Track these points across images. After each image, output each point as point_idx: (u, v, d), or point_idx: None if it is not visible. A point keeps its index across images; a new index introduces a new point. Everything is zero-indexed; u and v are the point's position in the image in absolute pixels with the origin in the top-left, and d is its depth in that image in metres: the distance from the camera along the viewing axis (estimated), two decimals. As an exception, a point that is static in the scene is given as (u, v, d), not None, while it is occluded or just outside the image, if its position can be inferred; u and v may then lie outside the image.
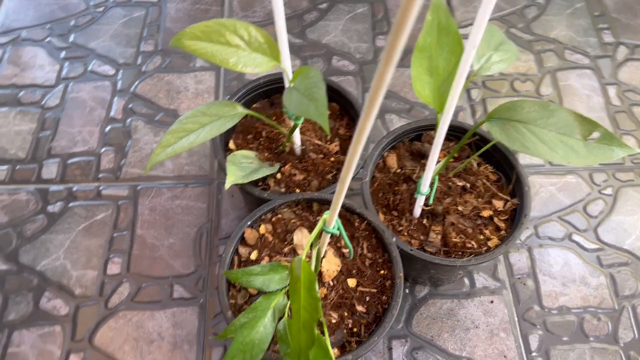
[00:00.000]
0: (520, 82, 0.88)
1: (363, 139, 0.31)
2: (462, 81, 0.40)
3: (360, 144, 0.31)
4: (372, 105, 0.27)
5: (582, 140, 0.46)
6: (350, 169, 0.35)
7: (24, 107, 0.85)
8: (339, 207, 0.44)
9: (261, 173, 0.64)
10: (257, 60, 0.50)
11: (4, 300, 0.69)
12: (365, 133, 0.30)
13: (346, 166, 0.35)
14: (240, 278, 0.53)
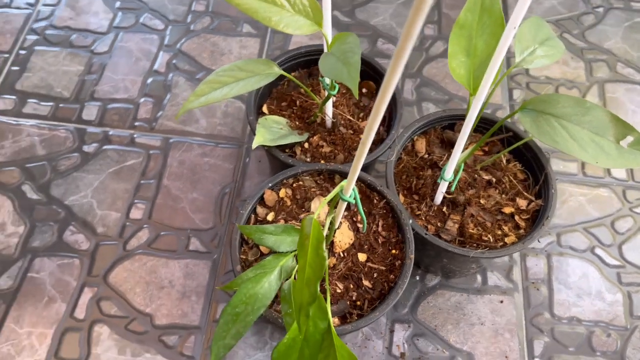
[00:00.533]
0: (565, 89, 0.86)
1: (387, 96, 0.31)
2: (498, 64, 0.40)
3: (384, 102, 0.32)
4: (399, 59, 0.27)
5: (615, 143, 0.45)
6: (372, 129, 0.35)
7: (75, 50, 0.88)
8: (357, 172, 0.44)
9: (289, 139, 0.65)
10: (299, 22, 0.51)
11: (31, 227, 0.72)
12: (390, 89, 0.30)
13: (368, 127, 0.35)
14: (253, 234, 0.54)
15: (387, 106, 0.70)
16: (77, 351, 0.64)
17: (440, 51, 0.89)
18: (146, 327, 0.66)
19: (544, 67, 0.88)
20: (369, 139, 0.38)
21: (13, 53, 0.87)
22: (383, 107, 0.32)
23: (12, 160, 0.77)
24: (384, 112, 0.34)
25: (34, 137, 0.79)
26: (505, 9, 0.95)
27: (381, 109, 0.33)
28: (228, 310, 0.49)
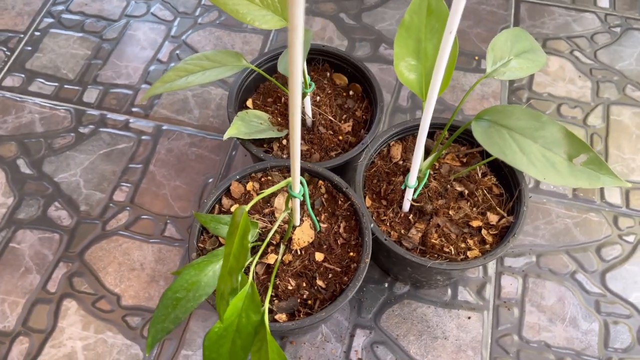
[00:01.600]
0: (568, 107, 0.83)
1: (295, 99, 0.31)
2: (441, 70, 0.39)
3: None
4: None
5: (567, 160, 0.43)
6: (294, 126, 0.35)
7: (85, 34, 0.91)
8: (297, 168, 0.44)
9: (266, 134, 0.66)
10: (266, 17, 0.51)
11: (19, 200, 0.75)
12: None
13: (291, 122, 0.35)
14: (208, 223, 0.55)
15: (367, 109, 0.70)
16: (45, 322, 0.66)
17: (442, 60, 0.88)
18: (112, 306, 0.67)
19: (548, 84, 0.85)
20: (295, 135, 0.38)
21: (28, 34, 0.91)
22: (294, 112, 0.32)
23: (11, 135, 0.80)
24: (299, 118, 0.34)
25: (35, 114, 0.83)
26: (517, 23, 0.93)
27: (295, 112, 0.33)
28: (168, 294, 0.49)
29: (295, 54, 0.30)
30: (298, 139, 0.39)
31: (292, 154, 0.42)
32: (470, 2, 0.95)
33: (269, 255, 0.57)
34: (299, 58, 0.30)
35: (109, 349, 0.65)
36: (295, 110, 0.35)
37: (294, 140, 0.39)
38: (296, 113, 0.35)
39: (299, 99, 0.34)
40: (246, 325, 0.46)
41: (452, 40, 0.36)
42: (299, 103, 0.34)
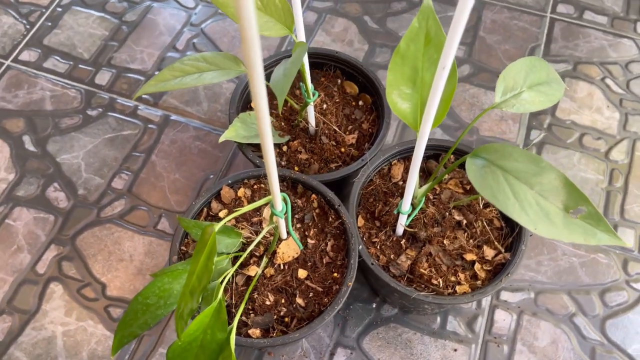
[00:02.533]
0: (591, 138, 0.79)
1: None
2: (434, 106, 0.36)
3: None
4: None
5: (563, 211, 0.40)
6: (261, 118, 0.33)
7: (106, 15, 0.90)
8: (275, 185, 0.42)
9: (266, 139, 0.64)
10: (268, 24, 0.49)
11: (20, 177, 0.75)
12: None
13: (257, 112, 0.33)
14: (191, 228, 0.54)
15: (374, 122, 0.67)
16: (30, 303, 0.67)
17: (464, 75, 0.84)
18: (97, 295, 0.67)
19: (573, 111, 0.81)
20: (270, 161, 0.36)
21: (50, 9, 0.91)
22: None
23: (20, 110, 0.81)
24: (271, 144, 0.32)
25: (46, 91, 0.82)
26: (549, 42, 0.88)
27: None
28: (139, 299, 0.48)
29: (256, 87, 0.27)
30: (273, 163, 0.37)
31: (269, 175, 0.40)
32: (502, 16, 0.90)
33: (251, 267, 0.56)
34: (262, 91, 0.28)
35: (88, 338, 0.64)
36: (267, 143, 0.33)
37: (269, 165, 0.37)
38: (268, 145, 0.33)
39: (269, 135, 0.32)
40: (210, 342, 0.45)
41: (445, 77, 0.34)
42: (269, 137, 0.32)
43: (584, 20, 0.90)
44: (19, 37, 0.88)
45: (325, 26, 0.89)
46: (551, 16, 0.91)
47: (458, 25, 0.30)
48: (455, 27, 0.30)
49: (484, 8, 0.91)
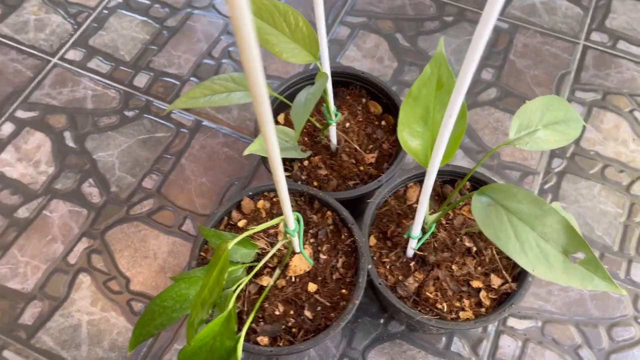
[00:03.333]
0: (614, 170, 0.79)
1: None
2: (443, 146, 0.38)
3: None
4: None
5: (562, 255, 0.42)
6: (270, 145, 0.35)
7: (148, 19, 0.95)
8: (287, 206, 0.45)
9: (289, 154, 0.66)
10: (294, 51, 0.52)
11: (59, 170, 0.80)
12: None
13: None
14: (210, 237, 0.57)
15: (395, 143, 0.69)
16: (59, 291, 0.71)
17: (490, 98, 0.85)
18: (121, 288, 0.71)
19: (597, 142, 0.81)
20: (282, 190, 0.39)
21: (97, 11, 0.96)
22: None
23: (64, 107, 0.86)
24: (282, 173, 0.34)
25: (88, 90, 0.87)
26: (580, 70, 0.88)
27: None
28: (157, 301, 0.52)
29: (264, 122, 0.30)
30: (285, 189, 0.40)
31: (281, 199, 0.43)
32: (534, 40, 0.91)
33: (264, 277, 0.59)
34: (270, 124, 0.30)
35: (110, 329, 0.69)
36: (277, 168, 0.35)
37: (281, 192, 0.40)
38: (278, 170, 0.36)
39: (281, 171, 0.34)
40: (219, 349, 0.48)
41: (451, 124, 0.36)
42: (280, 168, 0.35)
43: (618, 50, 0.90)
44: (66, 36, 0.93)
45: (358, 41, 0.91)
46: (584, 43, 0.90)
47: (464, 81, 0.32)
48: (461, 82, 0.32)
49: (517, 31, 0.92)
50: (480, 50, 0.29)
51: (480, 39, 0.28)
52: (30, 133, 0.83)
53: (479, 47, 0.29)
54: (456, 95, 0.33)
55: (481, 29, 0.28)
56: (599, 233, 0.74)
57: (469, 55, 0.29)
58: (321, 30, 0.49)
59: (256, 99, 0.29)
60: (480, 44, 0.28)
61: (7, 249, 0.74)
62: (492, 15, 0.27)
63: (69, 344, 0.68)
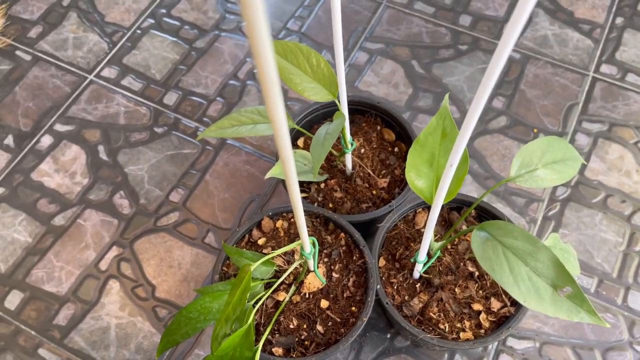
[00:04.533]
0: (616, 201, 0.83)
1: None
2: (444, 191, 0.43)
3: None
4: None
5: (552, 288, 0.46)
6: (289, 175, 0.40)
7: (178, 40, 1.01)
8: (304, 232, 0.50)
9: (306, 177, 0.71)
10: (315, 89, 0.57)
11: (93, 182, 0.86)
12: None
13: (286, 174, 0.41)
14: (233, 254, 0.62)
15: (405, 170, 0.73)
16: (91, 295, 0.77)
17: (500, 126, 0.90)
18: (147, 295, 0.77)
19: (601, 172, 0.85)
20: (300, 220, 0.44)
21: (131, 31, 1.02)
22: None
23: (98, 122, 0.92)
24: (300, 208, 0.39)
25: (121, 107, 0.93)
26: (587, 101, 0.92)
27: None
28: (183, 312, 0.57)
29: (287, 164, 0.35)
30: (303, 221, 0.45)
31: (299, 227, 0.48)
32: (545, 71, 0.95)
33: (280, 293, 0.64)
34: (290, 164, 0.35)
35: (137, 333, 0.74)
36: (298, 213, 0.40)
37: (299, 223, 0.45)
38: (298, 209, 0.41)
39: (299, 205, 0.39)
40: (239, 358, 0.53)
41: (452, 173, 0.41)
42: (299, 201, 0.40)
43: (626, 82, 0.93)
44: (102, 54, 0.99)
45: (375, 67, 0.96)
46: (594, 75, 0.94)
47: (463, 139, 0.37)
48: (460, 139, 0.37)
49: (528, 62, 0.96)
50: (473, 124, 0.34)
51: (472, 119, 0.33)
52: (67, 146, 0.90)
53: (472, 120, 0.34)
54: (456, 150, 0.38)
55: (473, 110, 0.32)
56: (599, 260, 0.78)
57: (465, 124, 0.34)
58: (340, 73, 0.54)
59: (281, 152, 0.34)
60: (472, 123, 0.33)
61: (44, 254, 0.80)
62: (487, 89, 0.32)
63: (98, 345, 0.74)
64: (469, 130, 0.36)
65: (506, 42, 0.28)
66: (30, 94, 0.95)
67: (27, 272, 0.79)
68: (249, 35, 0.25)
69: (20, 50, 1.00)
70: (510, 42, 0.29)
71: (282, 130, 0.32)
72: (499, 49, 0.29)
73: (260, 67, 0.27)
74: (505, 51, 0.29)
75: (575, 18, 1.00)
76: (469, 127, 0.36)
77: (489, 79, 0.31)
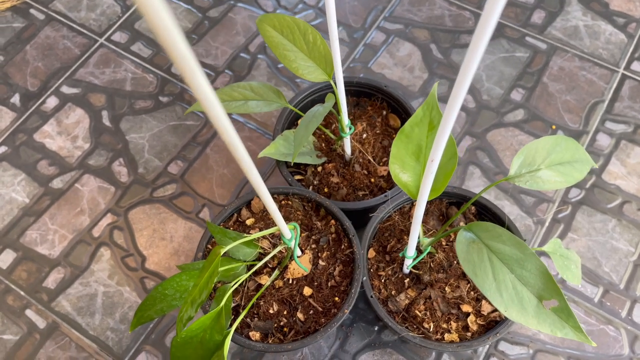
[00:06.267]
0: (633, 208, 0.78)
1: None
2: (427, 189, 0.40)
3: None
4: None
5: (537, 299, 0.43)
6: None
7: (192, 8, 0.98)
8: (278, 218, 0.48)
9: (303, 159, 0.69)
10: (310, 68, 0.54)
11: (94, 147, 0.85)
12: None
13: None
14: (216, 233, 0.60)
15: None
16: (81, 261, 0.77)
17: (516, 119, 0.85)
18: (137, 266, 0.76)
19: (620, 176, 0.80)
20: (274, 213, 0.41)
21: (145, -5, 1.00)
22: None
23: (104, 87, 0.91)
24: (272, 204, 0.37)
25: (128, 73, 0.92)
26: (614, 99, 0.86)
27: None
28: (159, 289, 0.56)
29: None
30: (273, 205, 0.43)
31: (271, 212, 0.45)
32: (571, 64, 0.89)
33: (263, 276, 0.62)
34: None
35: (123, 302, 0.74)
36: (267, 201, 0.38)
37: (269, 207, 0.43)
38: (267, 199, 0.38)
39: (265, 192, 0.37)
40: (208, 341, 0.52)
41: (434, 169, 0.37)
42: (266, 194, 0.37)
43: (658, 82, 0.87)
44: (114, 18, 0.97)
45: (391, 49, 0.92)
46: (623, 72, 0.88)
47: (443, 134, 0.34)
48: (441, 134, 0.34)
49: (555, 53, 0.90)
50: (453, 118, 0.31)
51: (452, 113, 0.30)
52: (71, 109, 0.89)
53: (452, 114, 0.30)
54: (437, 146, 0.35)
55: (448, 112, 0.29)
56: (607, 269, 0.74)
57: (445, 117, 0.31)
58: (336, 53, 0.51)
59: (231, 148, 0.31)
60: (452, 117, 0.30)
61: (40, 216, 0.80)
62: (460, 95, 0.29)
63: (84, 311, 0.74)
64: (450, 125, 0.33)
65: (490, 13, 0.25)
66: (41, 53, 0.94)
67: (22, 232, 0.79)
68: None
69: (34, 9, 0.99)
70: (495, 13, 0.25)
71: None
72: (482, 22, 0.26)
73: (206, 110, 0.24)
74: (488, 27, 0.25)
75: (610, 10, 0.94)
76: (448, 122, 0.33)
77: (467, 68, 0.27)
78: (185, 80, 0.26)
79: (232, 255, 0.60)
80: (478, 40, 0.26)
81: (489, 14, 0.25)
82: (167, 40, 0.23)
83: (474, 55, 0.26)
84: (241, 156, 0.33)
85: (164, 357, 0.70)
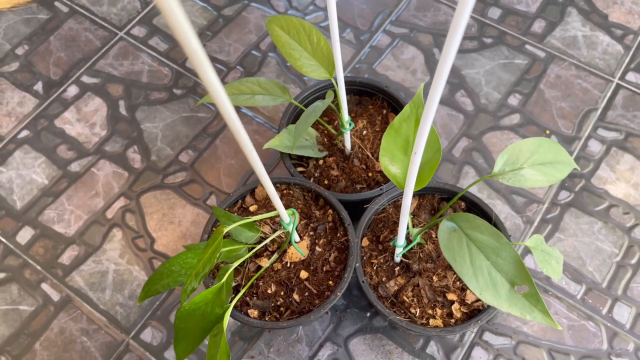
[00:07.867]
0: (619, 212, 0.81)
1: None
2: (414, 175, 0.44)
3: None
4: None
5: (509, 284, 0.47)
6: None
7: (208, 6, 1.03)
8: (277, 203, 0.52)
9: (307, 152, 0.74)
10: (313, 67, 0.58)
11: (110, 134, 0.90)
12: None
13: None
14: (221, 217, 0.65)
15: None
16: (95, 240, 0.82)
17: (512, 123, 0.89)
18: (146, 247, 0.81)
19: (609, 181, 0.83)
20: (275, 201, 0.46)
21: (164, -8, 1.05)
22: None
23: (122, 78, 0.96)
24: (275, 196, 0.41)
25: (145, 65, 0.97)
26: (607, 108, 0.90)
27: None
28: (166, 265, 0.61)
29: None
30: (273, 191, 0.47)
31: (272, 199, 0.50)
32: (567, 73, 0.93)
33: (263, 259, 0.66)
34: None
35: (132, 280, 0.79)
36: (269, 189, 0.42)
37: (269, 192, 0.47)
38: (269, 187, 0.43)
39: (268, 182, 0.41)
40: (209, 314, 0.56)
41: (418, 161, 0.42)
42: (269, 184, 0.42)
43: (651, 93, 0.90)
44: (134, 13, 1.03)
45: (396, 51, 0.96)
46: (618, 82, 0.92)
47: (423, 130, 0.38)
48: (422, 130, 0.38)
49: (552, 61, 0.94)
50: (432, 114, 0.35)
51: (430, 109, 0.34)
52: (90, 97, 0.94)
53: (431, 109, 0.35)
54: (419, 140, 0.39)
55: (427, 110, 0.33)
56: (590, 268, 0.78)
57: (425, 113, 0.35)
58: (337, 53, 0.55)
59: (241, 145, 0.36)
60: (430, 113, 0.34)
61: (58, 196, 0.85)
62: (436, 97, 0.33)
63: (96, 287, 0.79)
64: (429, 121, 0.37)
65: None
66: (64, 44, 1.00)
67: (40, 211, 0.84)
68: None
69: (59, 2, 1.04)
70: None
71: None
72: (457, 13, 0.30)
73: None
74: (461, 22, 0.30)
75: (609, 21, 0.97)
76: (428, 118, 0.37)
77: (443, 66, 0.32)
78: (197, 73, 0.30)
79: (235, 238, 0.65)
80: (449, 43, 0.30)
81: (458, 18, 0.29)
82: (182, 36, 0.27)
83: (447, 56, 0.31)
84: (242, 138, 0.37)
85: (169, 332, 0.75)
